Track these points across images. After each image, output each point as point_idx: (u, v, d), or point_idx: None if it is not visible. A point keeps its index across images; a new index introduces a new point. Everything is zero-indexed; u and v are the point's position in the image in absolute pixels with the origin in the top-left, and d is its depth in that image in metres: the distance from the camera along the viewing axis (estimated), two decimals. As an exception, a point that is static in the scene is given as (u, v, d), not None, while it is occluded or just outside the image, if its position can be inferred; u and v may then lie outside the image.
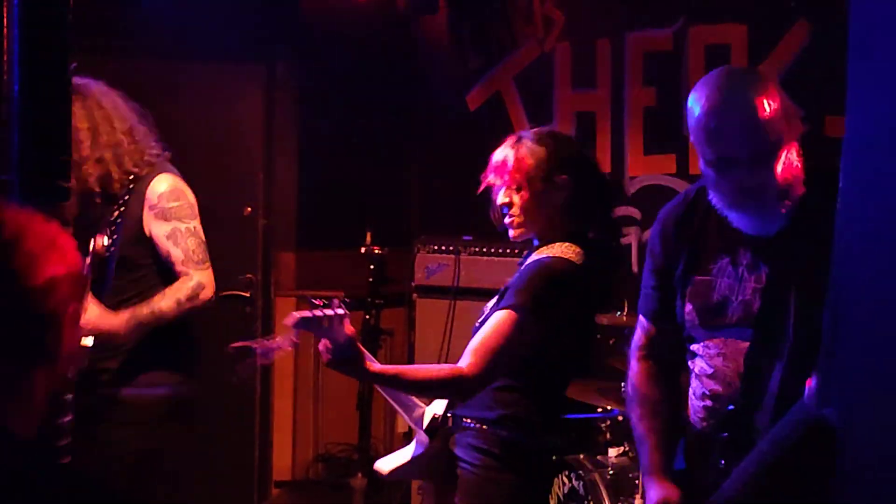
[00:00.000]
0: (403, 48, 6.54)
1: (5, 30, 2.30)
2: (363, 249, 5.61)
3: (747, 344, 2.56)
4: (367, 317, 5.54)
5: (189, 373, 3.75)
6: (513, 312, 3.00)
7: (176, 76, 5.68)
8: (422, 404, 3.40)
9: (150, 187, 3.62)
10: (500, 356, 2.98)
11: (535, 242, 3.24)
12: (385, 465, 3.48)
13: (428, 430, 3.36)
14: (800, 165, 2.55)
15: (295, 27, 6.02)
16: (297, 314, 2.75)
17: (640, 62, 5.90)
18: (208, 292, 3.61)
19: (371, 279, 5.55)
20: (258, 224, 6.12)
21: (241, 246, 6.05)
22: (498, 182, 3.21)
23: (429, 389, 3.11)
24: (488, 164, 3.25)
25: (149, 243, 3.63)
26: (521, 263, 3.25)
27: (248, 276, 6.01)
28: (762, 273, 2.58)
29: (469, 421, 3.21)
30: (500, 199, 3.21)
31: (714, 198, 2.61)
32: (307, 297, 3.07)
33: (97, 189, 3.57)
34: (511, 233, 3.22)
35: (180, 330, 3.69)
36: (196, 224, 3.67)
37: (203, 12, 5.44)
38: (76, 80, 3.56)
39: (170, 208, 3.62)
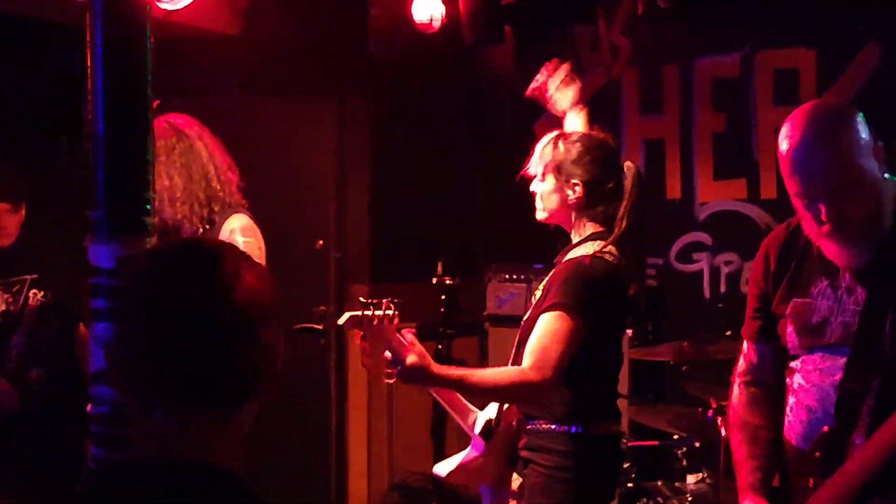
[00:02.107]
0: (471, 79, 6.59)
1: (90, 71, 2.39)
2: (434, 280, 5.66)
3: (844, 359, 2.58)
4: (440, 346, 5.58)
5: None
6: (561, 312, 3.09)
7: (250, 111, 5.78)
8: (474, 409, 3.47)
9: (224, 225, 3.67)
10: (560, 356, 3.06)
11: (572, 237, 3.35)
12: (443, 469, 3.54)
13: (483, 434, 3.43)
14: (889, 198, 2.57)
15: (364, 61, 6.10)
16: (349, 313, 2.87)
17: (708, 88, 5.90)
18: None
19: (443, 309, 5.59)
20: (331, 257, 6.16)
21: (314, 279, 6.11)
22: (530, 171, 3.41)
23: (494, 394, 3.19)
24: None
25: None
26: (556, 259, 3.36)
27: (322, 308, 6.09)
28: (860, 296, 2.60)
29: (535, 422, 3.25)
30: (532, 186, 3.39)
31: (805, 228, 2.64)
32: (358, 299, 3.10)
33: (181, 227, 3.62)
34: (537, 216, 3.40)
35: None
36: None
37: (275, 49, 5.54)
38: (175, 119, 3.67)
39: (238, 242, 3.62)
